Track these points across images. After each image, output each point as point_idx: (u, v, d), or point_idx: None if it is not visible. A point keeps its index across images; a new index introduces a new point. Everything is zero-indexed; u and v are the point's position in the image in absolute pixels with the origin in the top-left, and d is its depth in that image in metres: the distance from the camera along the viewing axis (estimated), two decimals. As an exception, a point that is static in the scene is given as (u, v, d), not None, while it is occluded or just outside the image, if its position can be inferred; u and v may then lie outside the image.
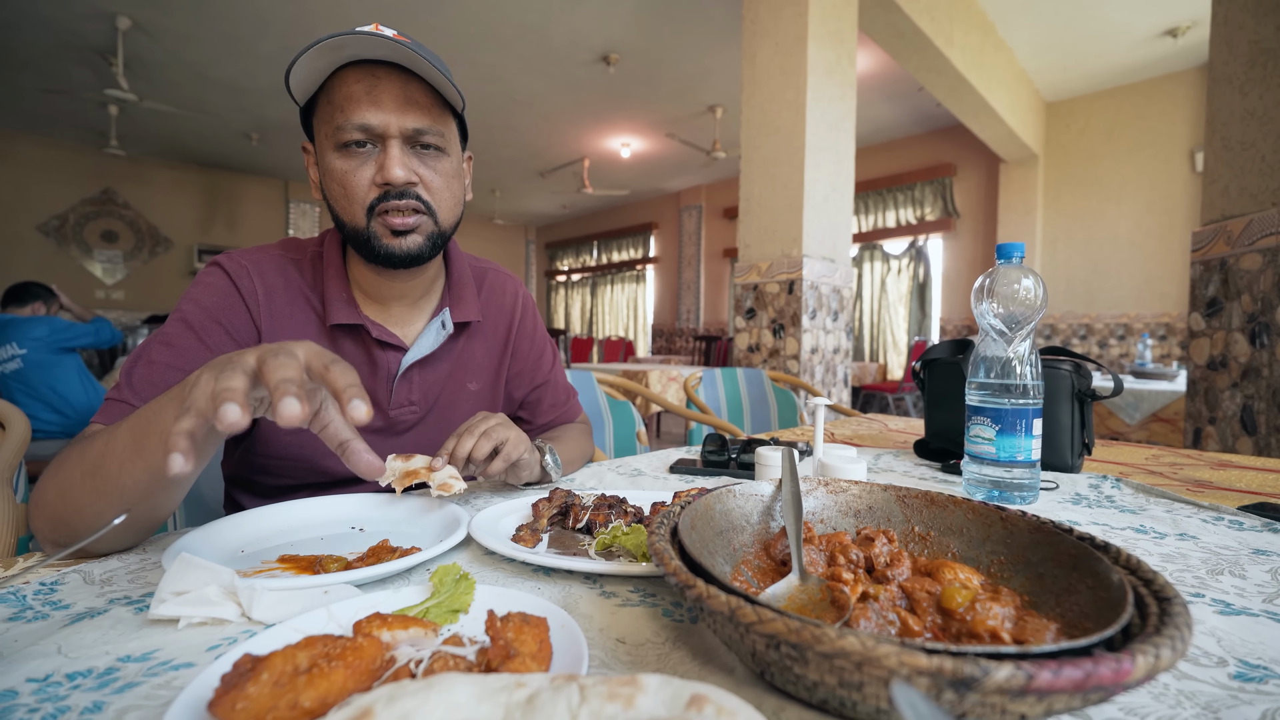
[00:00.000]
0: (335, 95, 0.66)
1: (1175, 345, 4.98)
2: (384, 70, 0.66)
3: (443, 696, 0.23)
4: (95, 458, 0.48)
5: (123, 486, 0.47)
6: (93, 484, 0.48)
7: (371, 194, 0.68)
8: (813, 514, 0.50)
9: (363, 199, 0.68)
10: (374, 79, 0.66)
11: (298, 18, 4.00)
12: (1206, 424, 1.95)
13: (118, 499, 0.48)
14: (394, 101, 0.66)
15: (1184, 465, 0.98)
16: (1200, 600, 0.44)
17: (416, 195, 0.69)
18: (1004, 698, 0.24)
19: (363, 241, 0.70)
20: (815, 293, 2.82)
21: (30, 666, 0.34)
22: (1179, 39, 4.30)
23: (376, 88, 0.66)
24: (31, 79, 4.93)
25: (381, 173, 0.67)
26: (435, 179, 0.71)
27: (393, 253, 0.70)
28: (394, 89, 0.66)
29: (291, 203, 8.14)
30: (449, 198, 0.73)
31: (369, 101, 0.65)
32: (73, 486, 0.49)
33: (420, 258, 0.72)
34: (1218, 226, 1.90)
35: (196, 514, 0.90)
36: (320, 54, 0.63)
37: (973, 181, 5.98)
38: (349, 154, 0.67)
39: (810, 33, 2.71)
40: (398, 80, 0.67)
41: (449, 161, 0.73)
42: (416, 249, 0.71)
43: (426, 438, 0.83)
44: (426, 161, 0.70)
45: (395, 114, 0.66)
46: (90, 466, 0.49)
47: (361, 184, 0.68)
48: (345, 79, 0.66)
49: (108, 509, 0.48)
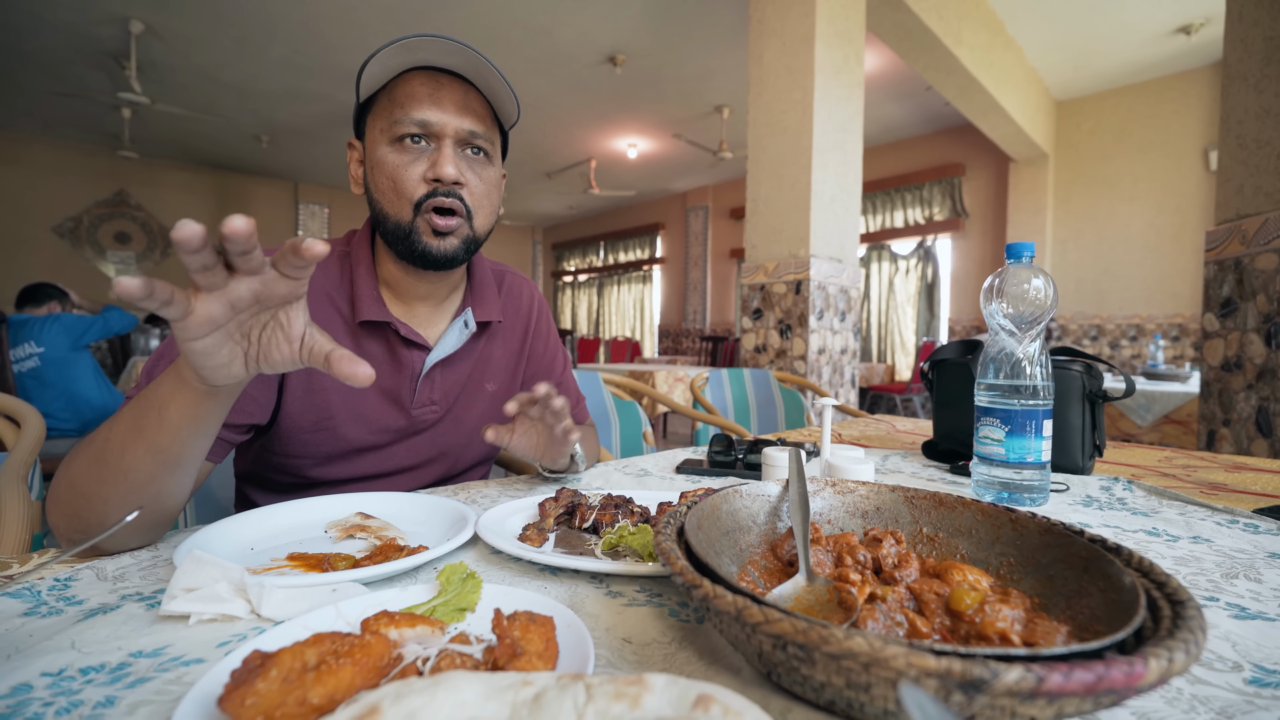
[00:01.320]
0: (397, 93, 0.70)
1: (1188, 346, 4.92)
2: (448, 78, 0.71)
3: (449, 694, 0.23)
4: (100, 445, 0.49)
5: (126, 470, 0.48)
6: (98, 472, 0.49)
7: (420, 189, 0.70)
8: (820, 515, 0.50)
9: (411, 193, 0.70)
10: (437, 83, 0.70)
11: (306, 21, 4.03)
12: (1221, 426, 1.93)
13: (123, 485, 0.48)
14: (454, 105, 0.70)
15: (1198, 467, 0.97)
16: (1215, 604, 0.44)
17: (461, 197, 0.71)
18: (1014, 700, 0.23)
19: (404, 236, 0.71)
20: (822, 293, 2.80)
21: (45, 661, 0.34)
22: (1192, 36, 4.25)
23: (439, 90, 0.70)
24: (47, 83, 4.99)
25: (434, 168, 0.69)
26: (479, 184, 0.73)
27: (429, 251, 0.71)
28: (455, 94, 0.71)
29: (301, 204, 8.21)
30: (488, 205, 0.75)
31: (431, 101, 0.69)
32: (81, 477, 0.50)
33: (455, 260, 0.73)
34: (1232, 226, 1.88)
35: (207, 512, 0.91)
36: (395, 53, 0.67)
37: (982, 181, 5.94)
38: (403, 148, 0.70)
39: (818, 32, 2.70)
40: (460, 87, 0.71)
41: (493, 170, 0.76)
42: (452, 251, 0.72)
43: (443, 438, 0.83)
44: (474, 166, 0.73)
45: (454, 116, 0.70)
46: (95, 454, 0.49)
47: (412, 178, 0.70)
48: (410, 80, 0.70)
49: (114, 495, 0.48)
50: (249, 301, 0.41)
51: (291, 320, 0.44)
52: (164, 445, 0.47)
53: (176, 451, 0.48)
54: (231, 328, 0.42)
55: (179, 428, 0.46)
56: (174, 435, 0.47)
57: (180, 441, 0.47)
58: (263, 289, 0.41)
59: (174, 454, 0.48)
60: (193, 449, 0.49)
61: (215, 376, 0.43)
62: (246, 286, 0.40)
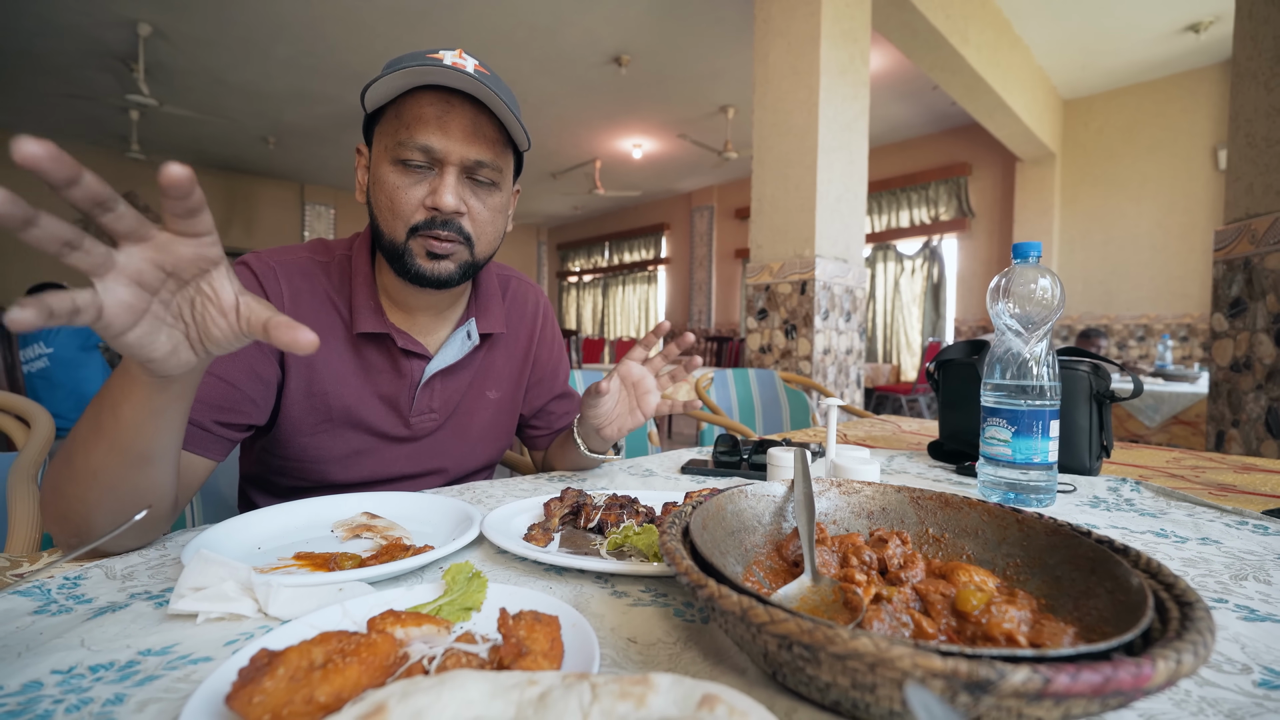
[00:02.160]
0: (405, 113, 0.67)
1: (1197, 346, 4.88)
2: (458, 99, 0.67)
3: (455, 693, 0.24)
4: (68, 449, 0.48)
5: (95, 471, 0.47)
6: (69, 472, 0.48)
7: (418, 215, 0.68)
8: (825, 515, 0.50)
9: (407, 217, 0.68)
10: (447, 105, 0.66)
11: (313, 23, 4.05)
12: (1230, 427, 1.91)
13: (95, 485, 0.48)
14: (461, 131, 0.67)
15: (1206, 468, 0.96)
16: (1223, 606, 0.43)
17: (460, 227, 0.70)
18: (1020, 701, 0.23)
19: (398, 255, 0.70)
20: (828, 293, 2.80)
21: (55, 659, 0.34)
22: (1201, 34, 4.22)
23: (448, 114, 0.66)
24: (56, 85, 5.04)
25: (434, 196, 0.67)
26: (483, 212, 0.71)
27: (423, 273, 0.70)
28: (464, 119, 0.67)
29: (307, 205, 8.24)
30: (490, 231, 0.74)
31: (437, 126, 0.66)
32: (59, 481, 0.49)
33: (449, 283, 0.72)
34: (1241, 225, 1.87)
35: (215, 511, 0.91)
36: (398, 77, 0.64)
37: (988, 181, 5.91)
38: (405, 171, 0.68)
39: (823, 32, 2.69)
40: (469, 111, 0.67)
41: (499, 197, 0.73)
42: (447, 275, 0.71)
43: (442, 445, 0.83)
44: (478, 194, 0.71)
45: (460, 143, 0.67)
46: (66, 458, 0.49)
47: (410, 202, 0.68)
48: (419, 99, 0.66)
49: (90, 496, 0.48)
50: (155, 273, 0.37)
51: (218, 291, 0.40)
52: (126, 443, 0.46)
53: (141, 447, 0.47)
54: (159, 309, 0.39)
55: (138, 424, 0.45)
56: (134, 431, 0.45)
57: (142, 437, 0.46)
58: (161, 255, 0.37)
59: (138, 450, 0.47)
60: (158, 442, 0.47)
61: (163, 367, 0.41)
62: (141, 255, 0.37)
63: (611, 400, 0.78)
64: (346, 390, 0.75)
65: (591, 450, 0.83)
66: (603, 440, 0.80)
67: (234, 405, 0.67)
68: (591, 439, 0.81)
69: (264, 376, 0.70)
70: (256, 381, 0.69)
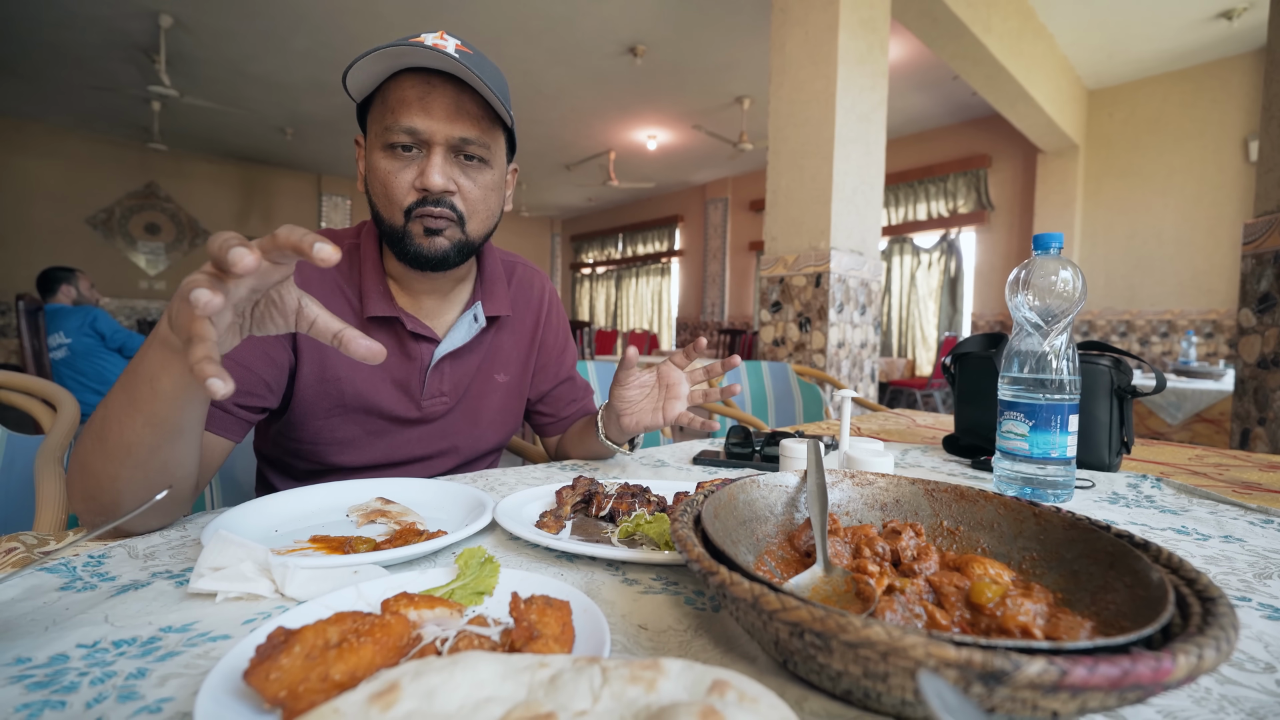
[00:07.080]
0: (389, 98, 0.68)
1: (1222, 343, 4.77)
2: (440, 79, 0.68)
3: (467, 674, 0.24)
4: (99, 424, 0.49)
5: (129, 445, 0.48)
6: (101, 449, 0.49)
7: (410, 197, 0.70)
8: (838, 506, 0.49)
9: (401, 201, 0.70)
10: (428, 86, 0.67)
11: (331, 13, 4.07)
12: (1255, 425, 1.87)
13: (128, 460, 0.48)
14: (444, 110, 0.67)
15: (1230, 466, 0.94)
16: (1247, 604, 0.43)
17: (451, 205, 0.71)
18: (1035, 693, 0.23)
19: (398, 239, 0.72)
20: (843, 286, 2.77)
21: (80, 633, 0.35)
22: (1234, 21, 4.09)
23: (429, 95, 0.67)
24: (80, 76, 5.11)
25: (421, 178, 0.69)
26: (474, 190, 0.72)
27: (421, 251, 0.71)
28: (446, 98, 0.68)
29: (324, 196, 8.31)
30: (484, 210, 0.74)
31: (420, 108, 0.67)
32: (88, 458, 0.50)
33: (445, 262, 0.73)
34: (1272, 218, 1.81)
35: (233, 495, 0.93)
36: (378, 60, 0.65)
37: (1008, 173, 5.80)
38: (394, 155, 0.69)
39: (841, 21, 2.65)
40: (451, 90, 0.68)
41: (491, 174, 0.74)
42: (442, 251, 0.72)
43: (455, 428, 0.84)
44: (468, 172, 0.71)
45: (443, 122, 0.68)
46: (97, 432, 0.49)
47: (402, 186, 0.69)
48: (401, 83, 0.68)
49: (122, 472, 0.49)
50: (250, 296, 0.44)
51: (284, 297, 0.46)
52: (162, 415, 0.47)
53: (176, 419, 0.48)
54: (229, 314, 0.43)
55: (174, 396, 0.46)
56: (170, 403, 0.47)
57: (178, 408, 0.47)
58: (258, 282, 0.42)
59: (173, 422, 0.48)
60: (191, 415, 0.49)
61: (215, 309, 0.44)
62: (245, 285, 0.42)
63: (642, 391, 0.80)
64: (358, 375, 0.76)
65: (609, 439, 0.83)
66: (621, 431, 0.81)
67: (250, 388, 0.68)
68: (611, 427, 0.82)
69: (278, 361, 0.71)
70: (271, 365, 0.70)
